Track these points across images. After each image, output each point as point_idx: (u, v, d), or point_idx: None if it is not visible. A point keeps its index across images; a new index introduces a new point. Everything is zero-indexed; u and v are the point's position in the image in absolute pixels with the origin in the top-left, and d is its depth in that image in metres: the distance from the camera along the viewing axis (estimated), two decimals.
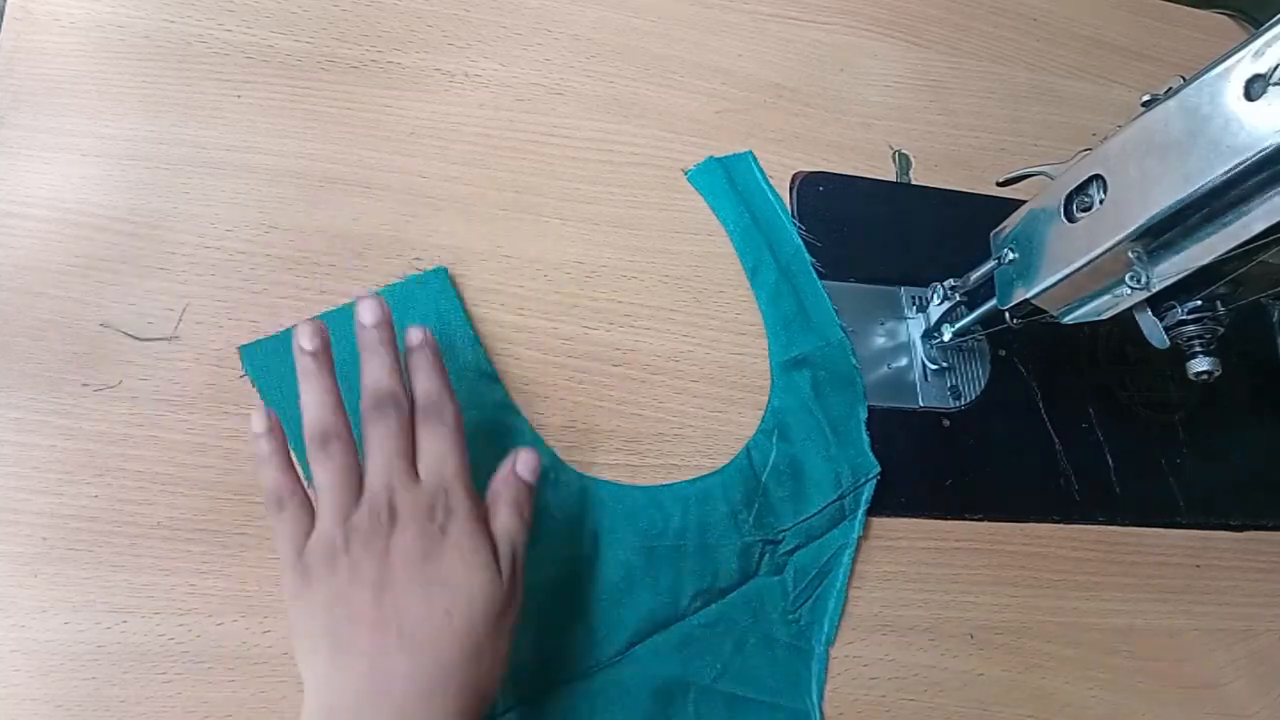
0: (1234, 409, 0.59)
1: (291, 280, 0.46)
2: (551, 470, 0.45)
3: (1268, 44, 0.34)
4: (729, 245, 0.53)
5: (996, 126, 0.62)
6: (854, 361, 0.52)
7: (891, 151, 0.59)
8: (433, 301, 0.47)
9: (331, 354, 0.39)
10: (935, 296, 0.53)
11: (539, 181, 0.51)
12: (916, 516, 0.50)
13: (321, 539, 0.37)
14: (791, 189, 0.56)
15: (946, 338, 0.52)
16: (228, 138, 0.47)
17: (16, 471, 0.40)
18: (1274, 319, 0.63)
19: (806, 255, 0.53)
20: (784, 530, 0.47)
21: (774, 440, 0.49)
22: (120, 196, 0.45)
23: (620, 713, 0.43)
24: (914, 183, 0.59)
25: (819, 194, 0.56)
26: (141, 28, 0.48)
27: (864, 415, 0.51)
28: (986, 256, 0.48)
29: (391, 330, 0.40)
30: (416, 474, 0.38)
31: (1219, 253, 0.38)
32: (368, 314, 0.40)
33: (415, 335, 0.41)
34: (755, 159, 0.55)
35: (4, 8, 0.47)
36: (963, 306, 0.51)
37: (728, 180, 0.54)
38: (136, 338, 0.43)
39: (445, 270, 0.48)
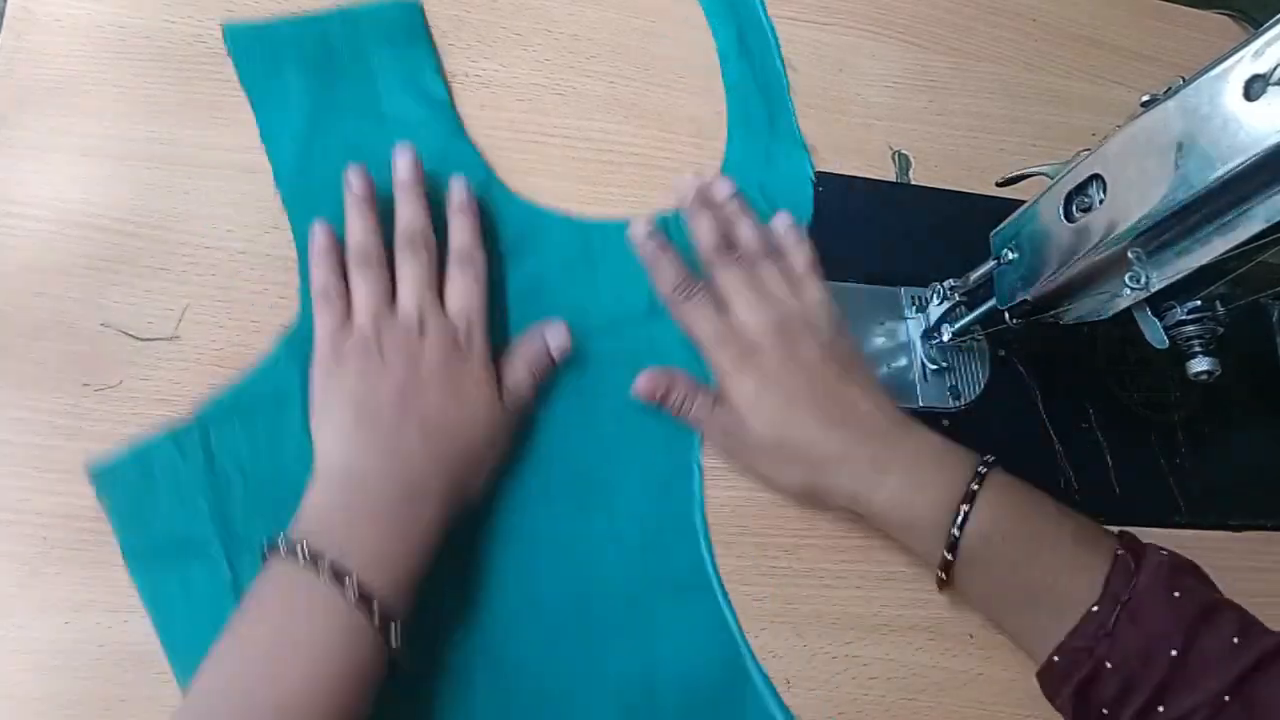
0: (1234, 409, 0.59)
1: (291, 280, 0.46)
2: (484, 190, 0.49)
3: (1268, 44, 0.34)
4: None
5: (996, 126, 0.62)
6: (809, 170, 0.56)
7: (891, 151, 0.59)
8: (397, 31, 0.50)
9: (374, 191, 0.44)
10: (935, 296, 0.53)
11: (539, 181, 0.51)
12: None
13: (360, 332, 0.42)
14: None
15: (946, 338, 0.52)
16: (228, 138, 0.47)
17: (16, 471, 0.40)
18: (1274, 319, 0.63)
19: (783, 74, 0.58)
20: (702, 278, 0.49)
21: None
22: (120, 196, 0.45)
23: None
24: (914, 183, 0.59)
25: (819, 194, 0.56)
26: (141, 28, 0.48)
27: (808, 218, 0.55)
28: (986, 256, 0.48)
29: (424, 183, 0.45)
30: (444, 306, 0.44)
31: (1219, 253, 0.38)
32: (404, 169, 0.45)
33: (459, 194, 0.46)
34: None
35: (4, 8, 0.47)
36: (962, 306, 0.51)
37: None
38: (136, 338, 0.43)
39: (416, 4, 0.51)
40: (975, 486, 0.42)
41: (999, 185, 0.49)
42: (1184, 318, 0.41)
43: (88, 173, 0.45)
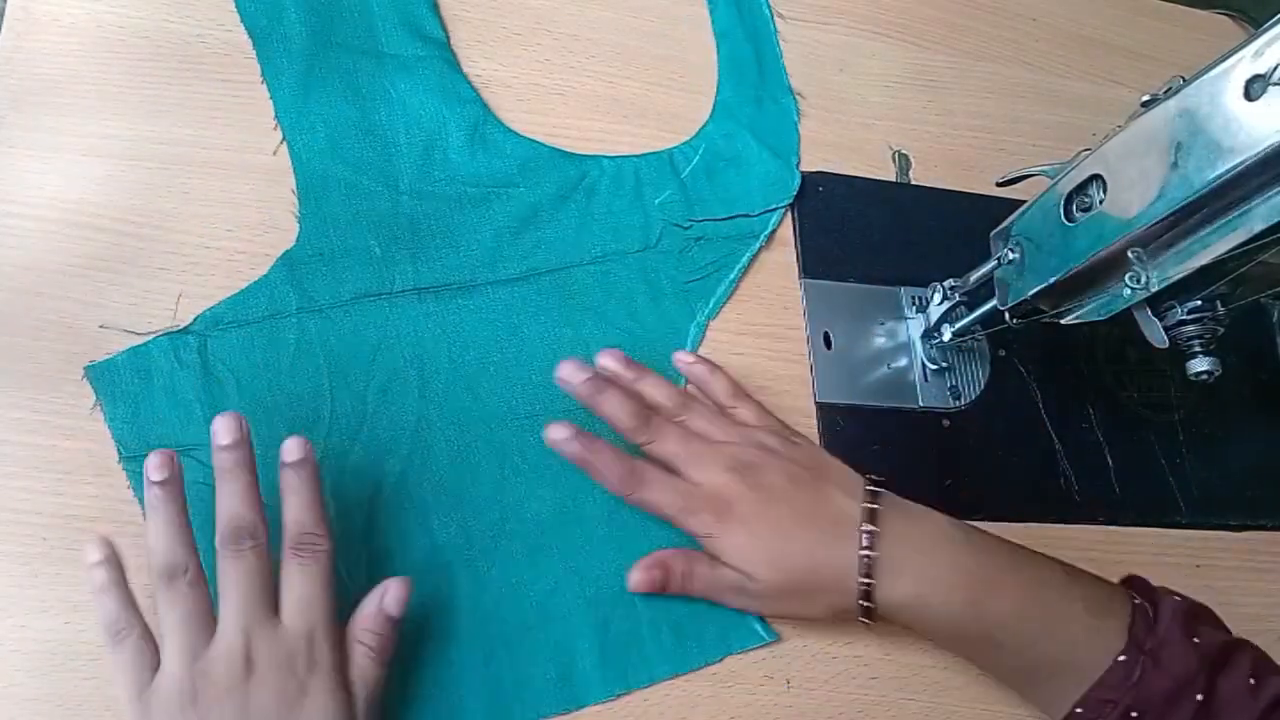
0: (1234, 409, 0.59)
1: None
2: (480, 126, 0.50)
3: (1268, 44, 0.34)
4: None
5: (996, 126, 0.62)
6: (795, 119, 0.57)
7: (891, 151, 0.59)
8: None
9: (182, 484, 0.37)
10: (935, 296, 0.53)
11: None
12: None
13: (169, 681, 0.34)
14: None
15: (946, 338, 0.52)
16: (227, 137, 0.47)
17: (16, 471, 0.40)
18: (1274, 319, 0.63)
19: (772, 23, 0.59)
20: (693, 221, 0.52)
21: (699, 153, 0.54)
22: (120, 196, 0.45)
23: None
24: (914, 183, 0.59)
25: (819, 194, 0.56)
26: (141, 28, 0.48)
27: (794, 170, 0.55)
28: (986, 256, 0.48)
29: (250, 450, 0.37)
30: (276, 614, 0.36)
31: (1219, 253, 0.38)
32: (224, 434, 0.37)
33: (293, 450, 0.38)
34: None
35: (4, 8, 0.47)
36: (963, 306, 0.51)
37: None
38: (136, 334, 0.43)
39: None
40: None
41: (999, 185, 0.49)
42: (1184, 318, 0.41)
43: (88, 173, 0.45)
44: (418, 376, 0.45)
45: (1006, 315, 0.47)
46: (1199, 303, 0.41)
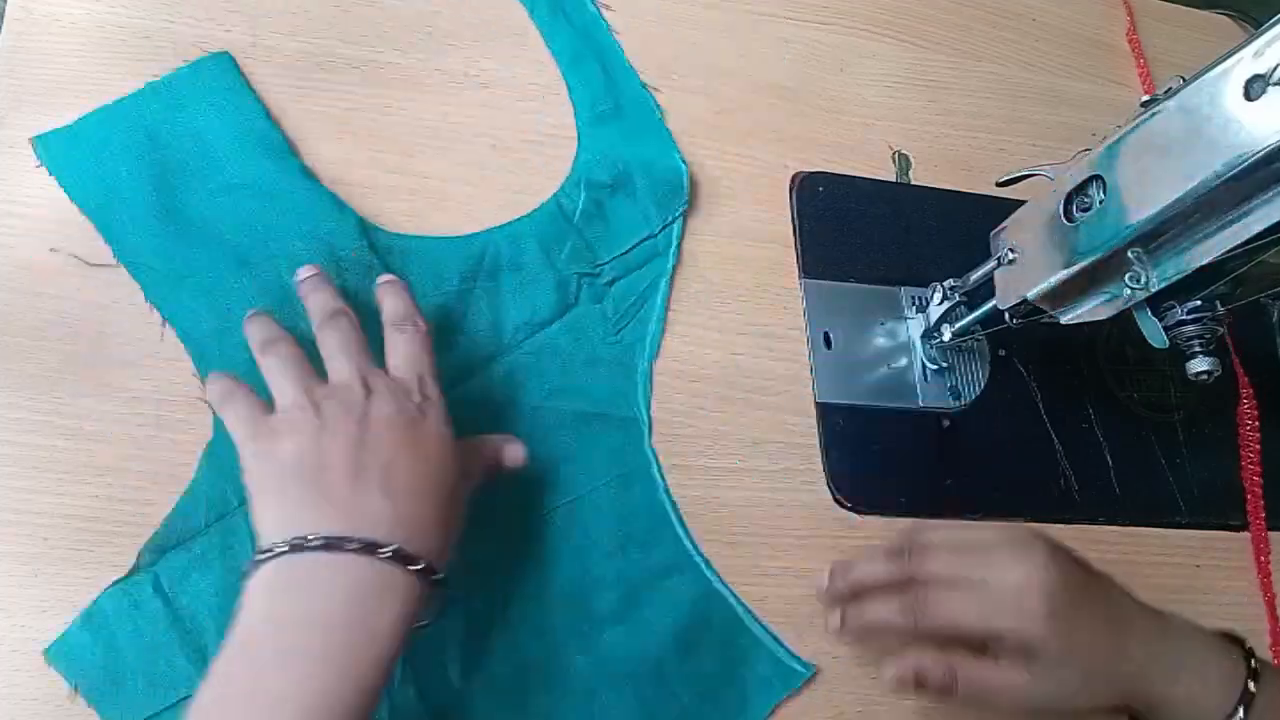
0: (1234, 409, 0.59)
1: None
2: (362, 237, 0.46)
3: (1268, 44, 0.34)
4: (729, 246, 0.53)
5: (996, 126, 0.62)
6: (658, 114, 0.54)
7: (891, 151, 0.59)
8: (216, 90, 0.47)
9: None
10: (935, 296, 0.53)
11: (539, 181, 0.51)
12: (917, 516, 0.50)
13: (289, 408, 0.36)
14: (791, 189, 0.56)
15: (946, 338, 0.52)
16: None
17: (16, 471, 0.40)
18: (1274, 319, 0.63)
19: (603, 21, 0.56)
20: (601, 264, 0.50)
21: (581, 188, 0.51)
22: None
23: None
24: (914, 183, 0.59)
25: (819, 194, 0.56)
26: (141, 28, 0.48)
27: (678, 163, 0.53)
28: (986, 256, 0.48)
29: (328, 276, 0.42)
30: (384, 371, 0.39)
31: (1219, 253, 0.38)
32: (304, 271, 0.42)
33: (384, 276, 0.43)
34: None
35: (4, 8, 0.47)
36: (963, 306, 0.51)
37: None
38: (135, 337, 0.43)
39: (228, 56, 0.48)
40: (1253, 688, 0.41)
41: (999, 185, 0.49)
42: (1184, 318, 0.41)
43: None
44: None
45: (1006, 315, 0.47)
46: (1199, 303, 0.41)
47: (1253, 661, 0.41)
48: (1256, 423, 0.50)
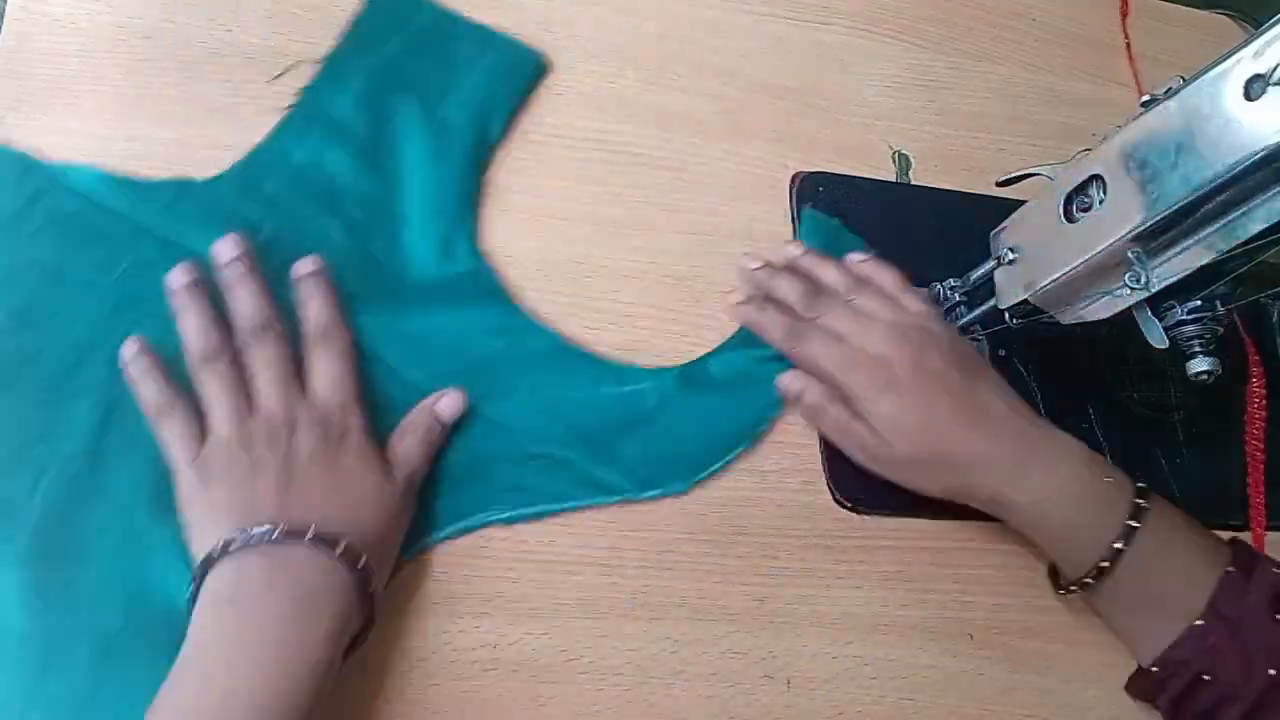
0: (1234, 409, 0.59)
1: None
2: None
3: (1268, 44, 0.34)
4: (730, 246, 0.53)
5: (996, 126, 0.62)
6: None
7: (891, 151, 0.59)
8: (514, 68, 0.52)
9: (206, 291, 0.40)
10: (935, 296, 0.53)
11: (539, 181, 0.51)
12: (916, 516, 0.50)
13: (219, 440, 0.38)
14: (791, 189, 0.56)
15: None
16: (228, 137, 0.47)
17: None
18: (1274, 319, 0.63)
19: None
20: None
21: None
22: None
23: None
24: (914, 183, 0.59)
25: (819, 194, 0.56)
26: (141, 28, 0.48)
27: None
28: (986, 256, 0.48)
29: (254, 261, 0.41)
30: (308, 393, 0.40)
31: (1219, 253, 0.38)
32: (226, 250, 0.40)
33: (306, 264, 0.42)
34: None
35: (4, 8, 0.47)
36: (963, 306, 0.51)
37: None
38: None
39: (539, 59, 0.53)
40: (1134, 524, 0.43)
41: (999, 185, 0.49)
42: (1184, 318, 0.41)
43: None
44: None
45: (1006, 315, 0.47)
46: (1199, 303, 0.41)
47: (1141, 500, 0.44)
48: (1264, 400, 0.50)
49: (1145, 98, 0.40)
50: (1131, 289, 0.40)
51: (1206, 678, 0.42)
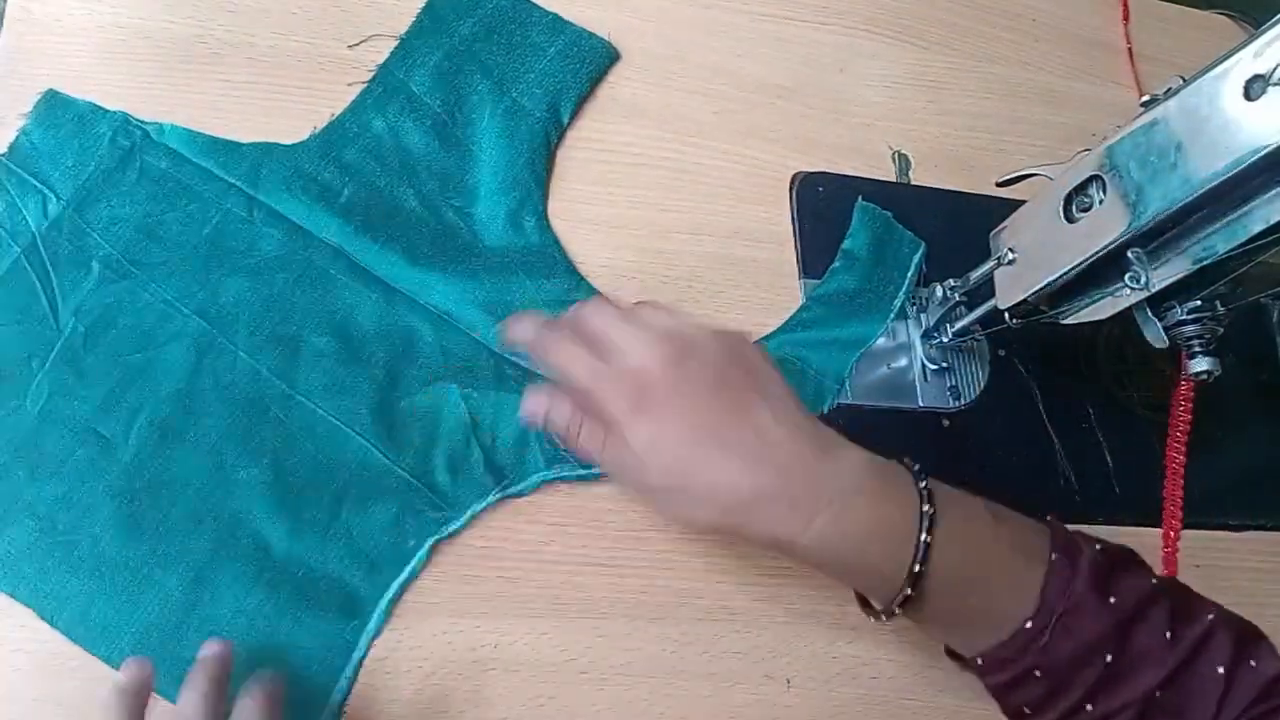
0: (1234, 409, 0.59)
1: None
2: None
3: (1268, 44, 0.34)
4: (730, 246, 0.53)
5: (996, 126, 0.62)
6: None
7: (891, 151, 0.59)
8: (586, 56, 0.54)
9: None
10: (935, 296, 0.53)
11: None
12: None
13: None
14: (791, 189, 0.56)
15: (946, 338, 0.52)
16: (227, 137, 0.47)
17: None
18: (1274, 319, 0.63)
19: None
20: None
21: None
22: None
23: None
24: (914, 183, 0.59)
25: (819, 194, 0.56)
26: (141, 28, 0.48)
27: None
28: (986, 256, 0.48)
29: (225, 669, 0.38)
30: None
31: (1219, 253, 0.38)
32: (210, 646, 0.38)
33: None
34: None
35: (5, 8, 0.47)
36: (963, 306, 0.51)
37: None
38: None
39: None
40: (927, 539, 0.37)
41: (999, 185, 0.49)
42: (1184, 318, 0.41)
43: None
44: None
45: (1006, 315, 0.47)
46: (1199, 303, 0.41)
47: (921, 483, 0.39)
48: (1190, 404, 0.50)
49: (1145, 98, 0.40)
50: (1131, 289, 0.40)
51: (1038, 673, 0.37)
